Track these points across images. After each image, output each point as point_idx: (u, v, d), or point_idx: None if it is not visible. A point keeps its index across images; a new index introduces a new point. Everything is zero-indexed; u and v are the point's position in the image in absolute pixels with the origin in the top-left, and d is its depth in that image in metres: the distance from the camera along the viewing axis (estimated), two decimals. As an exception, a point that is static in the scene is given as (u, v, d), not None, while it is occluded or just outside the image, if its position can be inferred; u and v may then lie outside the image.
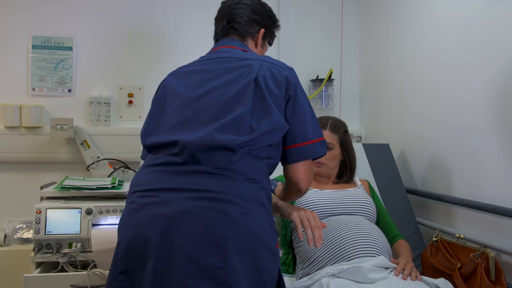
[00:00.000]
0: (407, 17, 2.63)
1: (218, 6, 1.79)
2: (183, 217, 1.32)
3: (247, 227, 1.34)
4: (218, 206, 1.32)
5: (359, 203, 2.05)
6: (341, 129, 2.18)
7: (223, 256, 1.29)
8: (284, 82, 1.50)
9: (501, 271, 1.76)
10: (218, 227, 1.30)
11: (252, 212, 1.36)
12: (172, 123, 1.48)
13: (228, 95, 1.46)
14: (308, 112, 1.54)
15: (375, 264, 1.74)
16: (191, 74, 1.57)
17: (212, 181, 1.36)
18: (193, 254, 1.29)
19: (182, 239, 1.30)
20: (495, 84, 1.98)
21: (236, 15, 1.70)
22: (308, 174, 1.56)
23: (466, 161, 2.16)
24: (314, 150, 1.52)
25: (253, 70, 1.48)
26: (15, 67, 2.69)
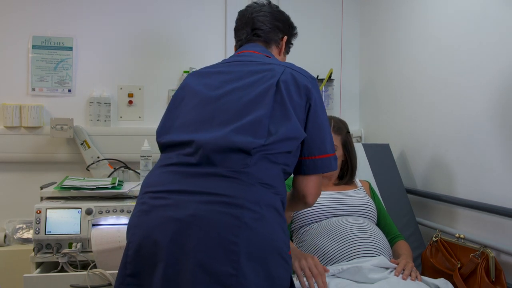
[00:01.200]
0: (407, 17, 2.63)
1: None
2: (195, 221, 1.28)
3: (261, 234, 1.30)
4: (231, 211, 1.29)
5: (359, 204, 2.05)
6: (344, 130, 2.18)
7: (236, 263, 1.25)
8: (304, 91, 1.47)
9: (501, 271, 1.76)
10: (231, 233, 1.27)
11: (266, 218, 1.33)
12: (188, 122, 1.46)
13: (248, 97, 1.43)
14: (326, 125, 1.53)
15: (375, 264, 1.74)
16: (212, 75, 1.55)
17: (226, 185, 1.33)
18: (204, 260, 1.25)
19: (193, 244, 1.27)
20: (496, 83, 1.98)
21: (259, 22, 1.71)
22: (318, 188, 1.53)
23: (465, 161, 2.16)
24: (329, 164, 1.50)
25: (275, 74, 1.47)
26: (15, 67, 2.69)
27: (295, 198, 1.58)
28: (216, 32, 2.95)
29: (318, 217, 1.99)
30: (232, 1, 2.94)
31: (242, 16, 1.77)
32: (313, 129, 1.48)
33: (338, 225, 1.91)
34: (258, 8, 1.74)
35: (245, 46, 1.71)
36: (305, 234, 1.98)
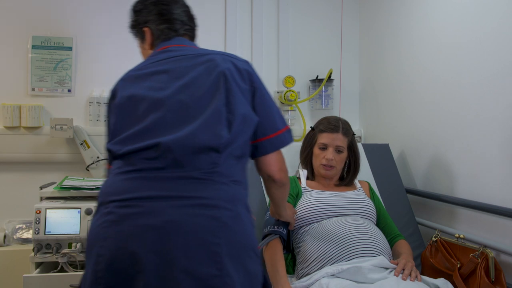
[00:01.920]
0: (406, 17, 2.63)
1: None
2: (174, 227, 1.25)
3: (238, 232, 1.31)
4: (209, 213, 1.28)
5: (359, 205, 2.05)
6: (351, 132, 2.18)
7: (219, 263, 1.25)
8: (247, 75, 1.46)
9: (500, 271, 1.77)
10: (212, 235, 1.26)
11: (240, 215, 1.34)
12: (148, 127, 1.38)
13: (201, 90, 1.40)
14: (273, 102, 1.52)
15: (375, 264, 1.74)
16: (150, 77, 1.47)
17: (199, 187, 1.30)
18: (188, 266, 1.23)
19: (174, 250, 1.24)
20: (496, 83, 1.98)
21: (184, 17, 1.66)
22: (281, 162, 1.52)
23: (465, 161, 2.16)
24: (284, 139, 1.50)
25: (218, 64, 1.44)
26: (15, 67, 2.69)
27: (265, 181, 1.58)
28: (216, 31, 2.95)
29: (318, 217, 1.99)
30: (231, 3, 2.94)
31: (161, 2, 1.64)
32: (263, 111, 1.47)
33: (338, 226, 1.91)
34: (179, 2, 1.66)
35: (172, 41, 1.61)
36: (305, 234, 1.98)
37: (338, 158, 2.12)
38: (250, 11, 2.99)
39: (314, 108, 3.07)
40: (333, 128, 2.13)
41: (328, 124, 2.15)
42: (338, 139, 2.12)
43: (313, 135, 2.20)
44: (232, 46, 2.95)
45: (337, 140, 2.11)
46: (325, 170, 2.12)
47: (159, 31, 1.62)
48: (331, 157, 2.10)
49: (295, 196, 2.10)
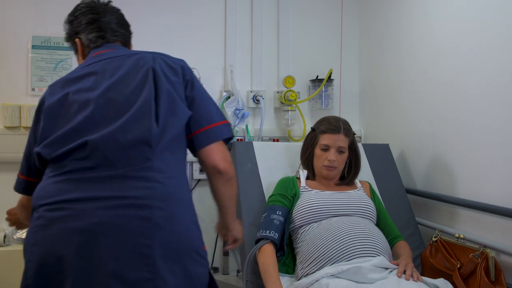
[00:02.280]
0: (406, 17, 2.63)
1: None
2: (102, 230, 1.20)
3: (174, 232, 1.26)
4: (139, 213, 1.23)
5: (359, 205, 2.05)
6: (351, 132, 2.18)
7: (152, 266, 1.21)
8: (180, 69, 1.46)
9: (500, 271, 1.76)
10: (142, 236, 1.21)
11: (177, 214, 1.29)
12: (76, 128, 1.34)
13: (130, 87, 1.37)
14: (208, 96, 1.51)
15: (375, 264, 1.74)
16: (79, 80, 1.43)
17: (130, 186, 1.25)
18: (117, 270, 1.19)
19: (103, 253, 1.20)
20: (496, 83, 1.98)
21: (125, 25, 1.68)
22: (224, 153, 1.46)
23: (465, 161, 2.16)
24: (221, 132, 1.46)
25: (147, 60, 1.42)
26: (15, 67, 2.68)
27: (209, 174, 1.49)
28: (216, 31, 2.94)
29: (318, 217, 1.99)
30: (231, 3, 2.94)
31: (91, 11, 1.62)
32: (197, 104, 1.45)
33: (338, 225, 1.91)
34: (109, 8, 1.64)
35: (103, 47, 1.58)
36: (305, 233, 1.98)
37: (340, 158, 2.12)
38: (250, 11, 2.99)
39: (314, 108, 3.07)
40: (335, 129, 2.13)
41: (329, 125, 2.15)
42: (340, 140, 2.12)
43: (314, 136, 2.19)
44: (232, 46, 2.95)
45: (339, 141, 2.11)
46: (327, 171, 2.12)
47: (88, 40, 1.60)
48: (334, 158, 2.10)
49: (292, 198, 2.10)
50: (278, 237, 1.96)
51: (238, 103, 2.85)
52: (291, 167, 2.39)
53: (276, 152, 2.47)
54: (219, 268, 2.85)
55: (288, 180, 2.18)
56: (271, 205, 2.08)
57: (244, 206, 2.19)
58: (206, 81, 2.85)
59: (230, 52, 2.95)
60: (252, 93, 2.93)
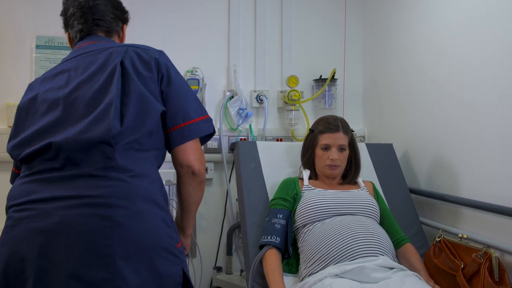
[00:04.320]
0: (410, 18, 2.63)
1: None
2: (62, 229, 1.20)
3: (137, 230, 1.24)
4: (99, 212, 1.21)
5: (363, 204, 2.05)
6: (350, 129, 2.19)
7: (111, 266, 1.19)
8: (154, 63, 1.41)
9: (504, 271, 1.76)
10: (101, 236, 1.20)
11: (142, 212, 1.27)
12: (43, 128, 1.35)
13: (96, 85, 1.35)
14: (187, 89, 1.46)
15: (379, 264, 1.74)
16: (55, 77, 1.44)
17: (91, 185, 1.24)
18: (76, 270, 1.18)
19: (62, 253, 1.19)
20: (500, 82, 1.97)
21: (100, 11, 1.57)
22: (199, 153, 1.44)
23: (469, 160, 2.16)
24: (197, 129, 1.42)
25: (117, 55, 1.39)
26: (19, 67, 2.69)
27: (181, 175, 1.47)
28: (219, 31, 2.94)
29: (321, 216, 1.99)
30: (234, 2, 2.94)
31: (75, 2, 1.59)
32: (173, 99, 1.40)
33: (341, 224, 1.90)
34: None
35: (85, 39, 1.57)
36: (308, 233, 1.98)
37: (342, 156, 2.13)
38: (253, 11, 2.98)
39: (318, 108, 3.07)
40: (333, 127, 2.14)
41: (327, 124, 2.16)
42: (340, 138, 2.13)
43: (313, 137, 2.20)
44: (236, 46, 2.95)
45: (339, 139, 2.12)
46: (330, 170, 2.13)
47: (74, 33, 1.61)
48: (336, 156, 2.10)
49: (293, 198, 2.10)
50: (281, 241, 1.96)
51: (241, 103, 2.85)
52: (295, 167, 2.39)
53: (279, 151, 2.47)
54: (223, 267, 2.85)
55: (289, 181, 2.18)
56: (272, 209, 2.09)
57: (247, 206, 2.20)
58: (209, 80, 2.86)
59: (234, 52, 2.95)
60: (255, 92, 2.93)
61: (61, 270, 1.19)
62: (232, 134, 2.90)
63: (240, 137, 2.90)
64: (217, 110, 2.91)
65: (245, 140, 2.89)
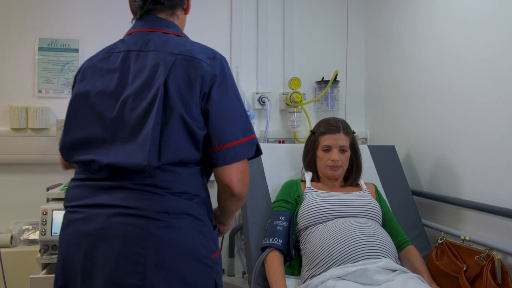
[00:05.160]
0: (412, 19, 2.63)
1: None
2: (103, 235, 1.26)
3: (170, 241, 1.27)
4: (136, 223, 1.26)
5: (365, 206, 2.05)
6: (351, 131, 2.20)
7: (141, 274, 1.23)
8: (199, 82, 1.31)
9: (507, 273, 1.76)
10: (136, 244, 1.24)
11: (176, 225, 1.29)
12: (87, 139, 1.37)
13: (141, 107, 1.31)
14: (229, 108, 1.36)
15: (381, 266, 1.74)
16: (106, 75, 1.40)
17: (132, 197, 1.28)
18: (112, 274, 1.24)
19: (102, 258, 1.25)
20: (503, 84, 1.97)
21: None
22: (241, 174, 1.37)
23: (471, 162, 2.16)
24: (234, 153, 1.34)
25: (164, 70, 1.31)
26: (22, 69, 2.70)
27: (221, 192, 1.44)
28: (221, 33, 2.95)
29: (323, 218, 1.99)
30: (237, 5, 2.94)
31: None
32: (211, 119, 1.33)
33: (344, 227, 1.90)
34: None
35: (143, 21, 1.47)
36: (311, 235, 1.98)
37: (343, 157, 2.13)
38: (255, 13, 2.99)
39: (320, 110, 3.07)
40: (334, 128, 2.14)
41: (328, 125, 2.17)
42: (341, 139, 2.13)
43: (314, 139, 2.20)
44: (238, 48, 2.95)
45: (340, 140, 2.13)
46: (332, 171, 2.13)
47: (134, 8, 1.51)
48: (337, 157, 2.11)
49: (295, 200, 2.10)
50: (283, 242, 1.96)
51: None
52: (297, 169, 2.39)
53: (281, 153, 2.47)
54: (225, 269, 2.85)
55: (291, 183, 2.18)
56: (274, 211, 2.09)
57: (249, 208, 2.20)
58: (211, 82, 2.86)
59: (236, 54, 2.95)
60: (257, 94, 2.93)
61: (100, 273, 1.25)
62: (235, 136, 2.90)
63: (243, 139, 2.90)
64: (219, 112, 2.91)
65: (247, 142, 2.89)
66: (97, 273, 1.26)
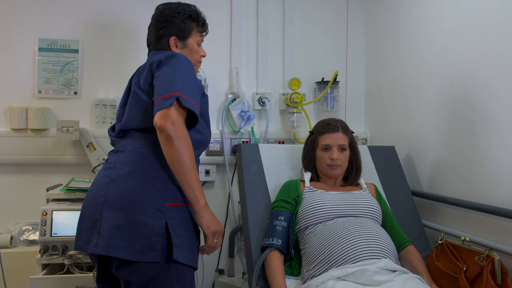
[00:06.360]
0: (412, 19, 2.63)
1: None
2: (92, 187, 1.75)
3: (124, 185, 1.65)
4: (106, 173, 1.71)
5: (365, 205, 2.05)
6: (349, 130, 2.20)
7: (100, 211, 1.63)
8: (149, 69, 1.77)
9: (507, 274, 1.75)
10: (102, 189, 1.67)
11: (132, 173, 1.67)
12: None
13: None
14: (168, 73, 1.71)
15: (381, 266, 1.74)
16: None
17: (111, 156, 1.79)
18: (88, 210, 1.69)
19: (87, 201, 1.73)
20: (503, 84, 1.97)
21: (149, 35, 2.01)
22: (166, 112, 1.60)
23: (471, 163, 2.15)
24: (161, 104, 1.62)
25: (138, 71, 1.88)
26: (22, 70, 2.70)
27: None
28: (221, 34, 2.95)
29: (323, 218, 1.99)
30: (237, 5, 2.94)
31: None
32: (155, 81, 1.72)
33: (344, 227, 1.90)
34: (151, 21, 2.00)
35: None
36: (310, 235, 1.98)
37: (343, 156, 2.14)
38: (255, 14, 2.99)
39: (320, 110, 3.07)
40: (333, 128, 2.15)
41: (327, 125, 2.18)
42: (340, 138, 2.14)
43: (313, 139, 2.21)
44: (238, 49, 2.95)
45: (339, 139, 2.13)
46: (332, 170, 2.13)
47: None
48: (336, 156, 2.11)
49: (294, 200, 2.10)
50: (282, 242, 1.96)
51: (243, 105, 2.85)
52: (297, 169, 2.40)
53: (281, 154, 2.47)
54: (225, 270, 2.85)
55: (290, 183, 2.18)
56: (273, 211, 2.09)
57: (249, 208, 2.20)
58: (211, 83, 2.86)
59: (236, 55, 2.95)
60: (257, 95, 2.93)
61: (86, 212, 1.72)
62: (234, 137, 2.90)
63: (242, 139, 2.91)
64: (219, 112, 2.91)
65: (247, 142, 2.90)
66: (86, 209, 1.72)
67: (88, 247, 1.63)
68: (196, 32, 2.00)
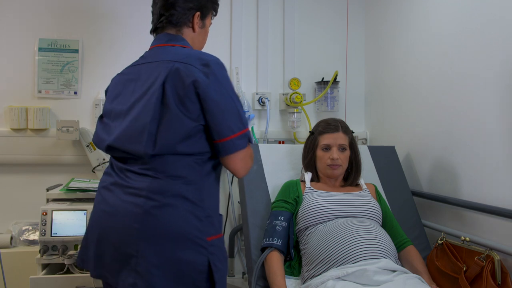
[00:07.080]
0: (412, 19, 2.63)
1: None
2: (112, 210, 1.50)
3: (162, 219, 1.45)
4: (135, 201, 1.45)
5: (365, 206, 2.05)
6: (349, 130, 2.20)
7: (135, 246, 1.43)
8: (191, 83, 1.47)
9: (507, 274, 1.76)
10: (133, 220, 1.44)
11: (170, 205, 1.46)
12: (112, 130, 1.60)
13: (140, 105, 1.52)
14: (225, 105, 1.51)
15: (381, 266, 1.74)
16: (126, 83, 1.65)
17: (136, 179, 1.49)
18: (117, 243, 1.47)
19: (110, 229, 1.49)
20: (502, 85, 1.97)
21: (170, 5, 1.63)
22: (242, 162, 1.55)
23: (471, 163, 2.15)
24: (233, 145, 1.51)
25: (160, 74, 1.50)
26: (22, 70, 2.70)
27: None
28: (221, 34, 2.95)
29: (323, 218, 1.99)
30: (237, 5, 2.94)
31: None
32: (209, 115, 1.49)
33: (344, 227, 1.91)
34: None
35: (156, 38, 1.69)
36: (311, 235, 1.98)
37: (343, 156, 2.14)
38: (255, 14, 2.99)
39: (320, 110, 3.07)
40: (333, 128, 2.15)
41: (327, 125, 2.18)
42: (340, 138, 2.14)
43: (313, 139, 2.21)
44: (238, 49, 2.95)
45: (339, 139, 2.13)
46: (332, 170, 2.13)
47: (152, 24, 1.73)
48: (336, 156, 2.11)
49: (294, 200, 2.10)
50: (282, 242, 1.97)
51: (243, 105, 2.85)
52: (297, 169, 2.39)
53: (281, 154, 2.47)
54: (225, 270, 2.85)
55: (290, 184, 2.18)
56: (273, 211, 2.09)
57: (249, 208, 2.20)
58: (211, 83, 2.86)
59: (236, 54, 2.95)
60: (257, 95, 2.93)
61: (110, 240, 1.49)
62: (234, 137, 2.90)
63: (242, 139, 2.90)
64: (219, 112, 2.91)
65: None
66: (107, 240, 1.50)
67: (119, 282, 1.48)
68: (211, 14, 1.78)
